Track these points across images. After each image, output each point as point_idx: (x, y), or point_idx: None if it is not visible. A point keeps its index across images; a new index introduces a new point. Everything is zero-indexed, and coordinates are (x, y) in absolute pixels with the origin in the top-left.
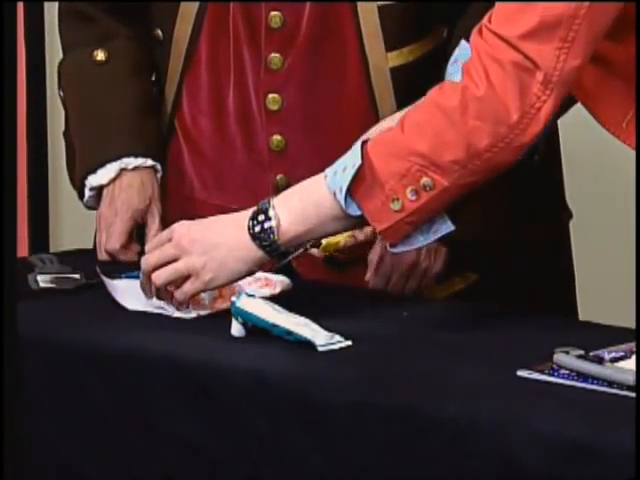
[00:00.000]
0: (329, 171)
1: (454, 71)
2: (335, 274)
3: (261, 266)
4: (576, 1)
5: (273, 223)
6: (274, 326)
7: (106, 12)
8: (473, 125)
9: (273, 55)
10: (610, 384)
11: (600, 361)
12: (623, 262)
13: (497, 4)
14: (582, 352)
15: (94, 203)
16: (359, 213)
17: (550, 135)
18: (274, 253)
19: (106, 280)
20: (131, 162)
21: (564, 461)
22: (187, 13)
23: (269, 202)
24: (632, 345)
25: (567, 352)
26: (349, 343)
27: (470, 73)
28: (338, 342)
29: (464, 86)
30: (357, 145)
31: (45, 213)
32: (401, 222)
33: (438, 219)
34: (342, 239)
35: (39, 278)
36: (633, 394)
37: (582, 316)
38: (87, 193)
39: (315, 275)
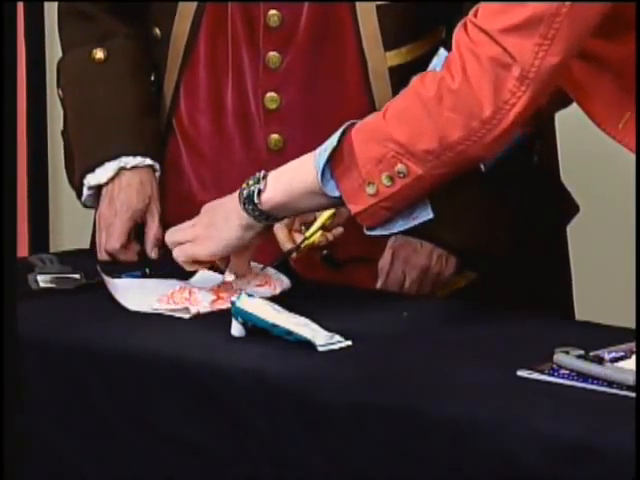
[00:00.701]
0: (320, 148)
1: None
2: (334, 274)
3: (253, 234)
4: (570, 1)
5: (260, 187)
6: (274, 326)
7: (105, 11)
8: (447, 117)
9: (271, 54)
10: (610, 384)
11: (600, 361)
12: (623, 262)
13: (484, 2)
14: (582, 352)
15: (92, 202)
16: (337, 194)
17: (548, 136)
18: (258, 218)
19: (106, 279)
20: (130, 161)
21: (564, 461)
22: (185, 12)
23: (265, 172)
24: (632, 345)
25: (567, 352)
26: (349, 343)
27: (449, 65)
28: (338, 342)
29: (441, 77)
30: (342, 127)
31: (45, 213)
32: (375, 206)
33: (420, 205)
34: (315, 239)
35: (39, 278)
36: (633, 394)
37: (582, 316)
38: (85, 192)
39: (314, 275)
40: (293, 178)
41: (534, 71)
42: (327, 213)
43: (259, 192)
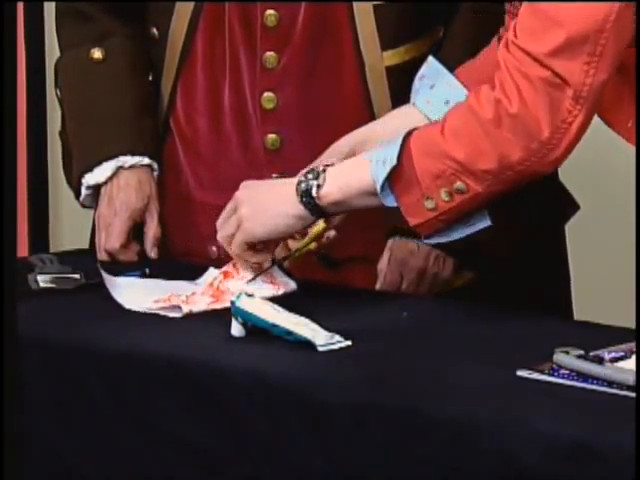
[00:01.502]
0: (373, 156)
1: (422, 87)
2: (333, 274)
3: (302, 225)
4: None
5: (319, 182)
6: (274, 326)
7: (103, 11)
8: (506, 138)
9: (268, 54)
10: (610, 384)
11: (600, 361)
12: (623, 262)
13: (520, 17)
14: (582, 352)
15: (90, 202)
16: (395, 205)
17: None
18: (313, 211)
19: (106, 276)
20: (128, 160)
21: (564, 461)
22: (183, 12)
23: (324, 167)
24: (632, 345)
25: (567, 352)
26: (349, 343)
27: (503, 87)
28: (338, 342)
29: (497, 99)
30: (399, 138)
31: (45, 213)
32: (434, 219)
33: (477, 214)
34: (303, 247)
35: (39, 278)
36: (633, 394)
37: (581, 316)
38: (84, 192)
39: (312, 275)
40: (350, 178)
41: (587, 90)
42: (320, 226)
43: (318, 187)
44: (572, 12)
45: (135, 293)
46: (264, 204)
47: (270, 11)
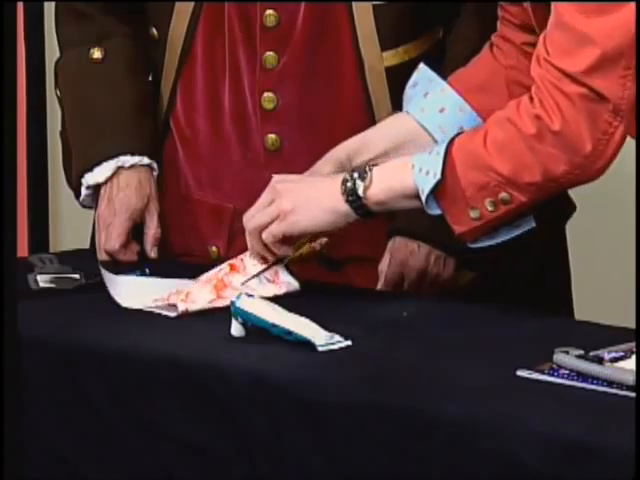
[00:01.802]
0: (416, 162)
1: (415, 95)
2: (333, 274)
3: (345, 223)
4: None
5: (366, 183)
6: (274, 326)
7: (103, 11)
8: (550, 153)
9: (268, 54)
10: (610, 384)
11: (600, 361)
12: (623, 262)
13: (550, 32)
14: (582, 352)
15: (90, 202)
16: (439, 212)
17: None
18: (358, 210)
19: (105, 273)
20: (127, 160)
21: (564, 461)
22: (182, 12)
23: (370, 167)
24: (632, 345)
25: (567, 352)
26: (349, 343)
27: (543, 104)
28: (338, 342)
29: (538, 115)
30: (442, 148)
31: (45, 213)
32: (479, 228)
33: (522, 217)
34: (304, 251)
35: (39, 278)
36: (633, 394)
37: (581, 316)
38: (83, 192)
39: (313, 275)
40: (394, 181)
41: (625, 103)
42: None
43: (365, 187)
44: (604, 28)
45: (134, 291)
46: (309, 198)
47: (270, 11)
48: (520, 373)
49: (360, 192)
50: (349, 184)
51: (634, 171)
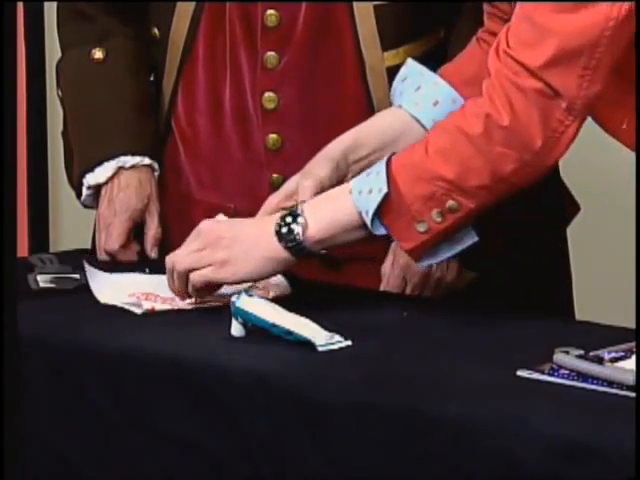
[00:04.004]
0: (354, 186)
1: (405, 89)
2: (333, 274)
3: (285, 267)
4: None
5: (301, 227)
6: (274, 326)
7: (104, 11)
8: (499, 152)
9: (269, 54)
10: (610, 384)
11: (600, 361)
12: (623, 262)
13: (513, 26)
14: (582, 352)
15: (91, 202)
16: (385, 232)
17: None
18: (299, 253)
19: (87, 267)
20: (128, 160)
21: (564, 461)
22: (184, 12)
23: (298, 207)
24: (632, 345)
25: (567, 352)
26: (349, 343)
27: (493, 100)
28: (338, 342)
29: (487, 114)
30: (382, 166)
31: (45, 213)
32: (427, 242)
33: (463, 230)
34: None
35: (39, 278)
36: (633, 394)
37: (581, 316)
38: (84, 192)
39: (313, 275)
40: (334, 216)
41: (580, 102)
42: None
43: (300, 230)
44: (567, 24)
45: (114, 288)
46: (245, 250)
47: (271, 11)
48: (520, 373)
49: (300, 237)
50: (284, 230)
51: (634, 171)
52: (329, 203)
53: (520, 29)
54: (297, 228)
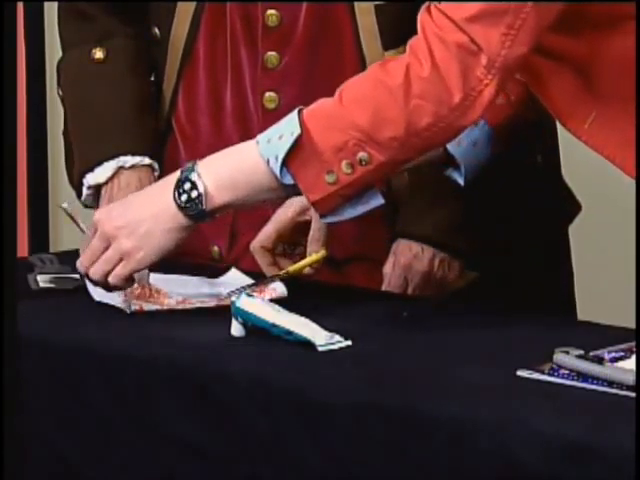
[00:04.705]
0: (261, 138)
1: None
2: (334, 273)
3: (191, 231)
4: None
5: (201, 191)
6: (274, 326)
7: (105, 11)
8: (415, 104)
9: (270, 54)
10: (610, 384)
11: (600, 361)
12: (623, 262)
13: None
14: (582, 352)
15: (92, 202)
16: (292, 182)
17: (550, 135)
18: (201, 220)
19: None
20: (128, 160)
21: (564, 461)
22: (184, 12)
23: (193, 168)
24: (632, 345)
25: (567, 352)
26: (349, 343)
27: (415, 51)
28: (338, 342)
29: (408, 64)
30: (293, 114)
31: (45, 213)
32: (334, 194)
33: (368, 191)
34: (297, 270)
35: (39, 278)
36: (633, 394)
37: (582, 316)
38: (85, 192)
39: (313, 275)
40: (234, 174)
41: (501, 60)
42: (321, 253)
43: (200, 196)
44: None
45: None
46: (146, 230)
47: (271, 11)
48: (520, 373)
49: (201, 205)
50: (183, 198)
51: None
52: (229, 159)
53: None
54: (198, 193)
